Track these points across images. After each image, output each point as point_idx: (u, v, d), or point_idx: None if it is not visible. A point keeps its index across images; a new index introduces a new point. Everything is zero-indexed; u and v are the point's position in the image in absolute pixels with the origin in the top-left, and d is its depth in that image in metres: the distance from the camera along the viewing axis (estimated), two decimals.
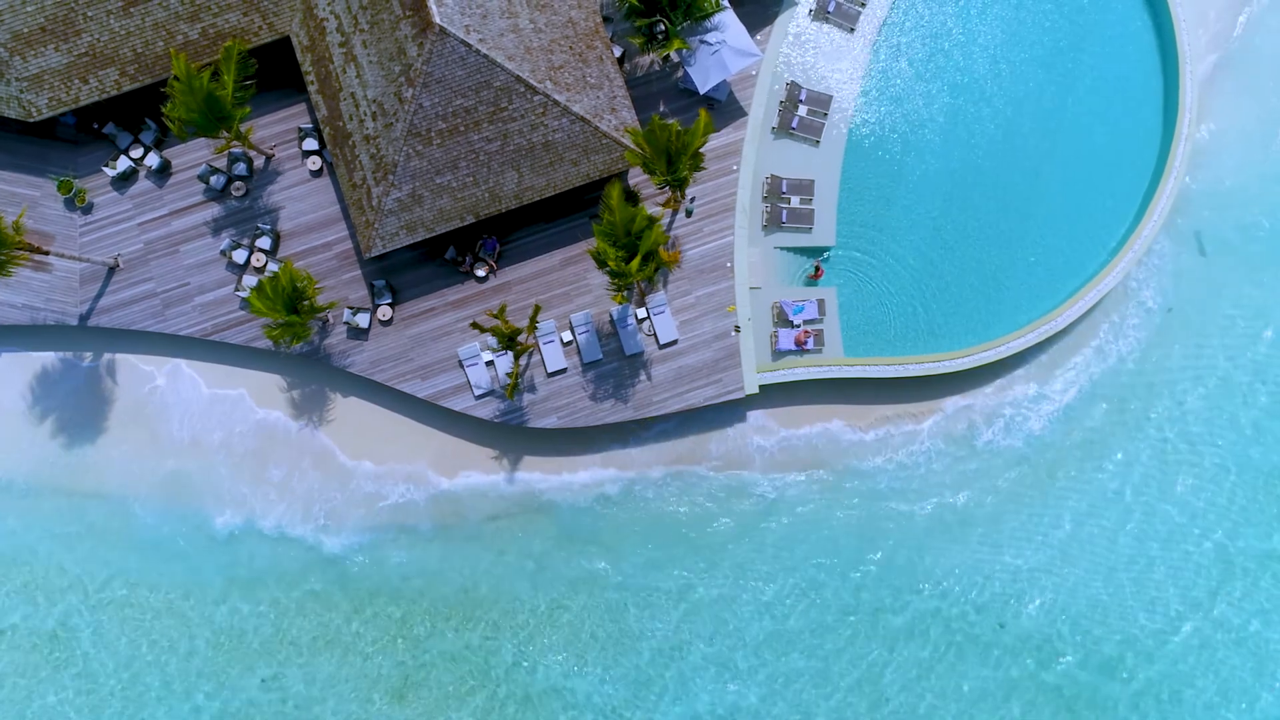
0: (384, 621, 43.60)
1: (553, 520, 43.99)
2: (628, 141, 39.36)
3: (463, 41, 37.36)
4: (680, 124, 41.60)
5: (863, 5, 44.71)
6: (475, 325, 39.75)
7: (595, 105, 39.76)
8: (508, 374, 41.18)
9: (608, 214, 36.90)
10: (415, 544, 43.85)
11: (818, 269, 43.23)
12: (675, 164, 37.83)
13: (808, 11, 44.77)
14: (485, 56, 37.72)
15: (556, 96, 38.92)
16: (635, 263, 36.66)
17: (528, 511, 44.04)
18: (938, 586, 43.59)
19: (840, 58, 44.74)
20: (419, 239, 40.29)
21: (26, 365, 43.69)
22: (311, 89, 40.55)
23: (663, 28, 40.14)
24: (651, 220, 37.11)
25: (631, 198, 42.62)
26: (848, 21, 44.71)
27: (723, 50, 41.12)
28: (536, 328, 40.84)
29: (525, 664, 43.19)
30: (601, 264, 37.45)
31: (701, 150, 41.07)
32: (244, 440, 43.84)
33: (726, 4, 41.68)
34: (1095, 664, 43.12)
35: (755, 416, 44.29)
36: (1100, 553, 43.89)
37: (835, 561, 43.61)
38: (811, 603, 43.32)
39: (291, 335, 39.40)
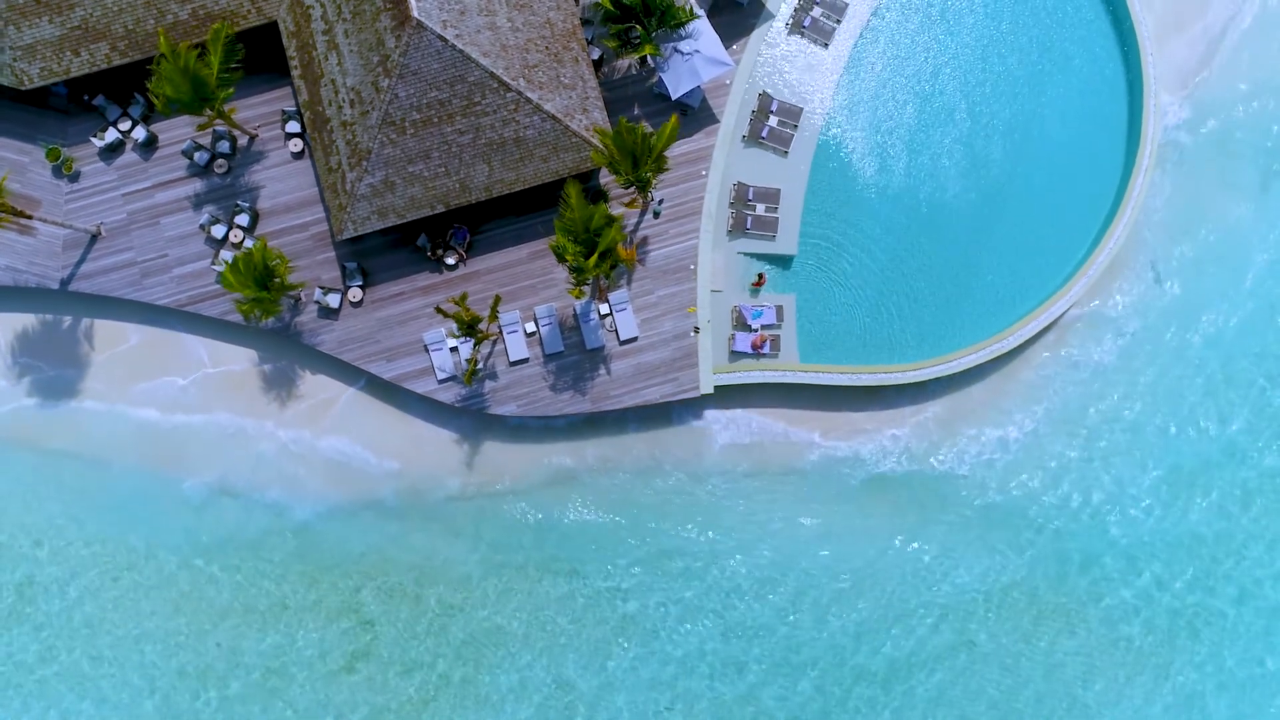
0: (339, 593, 44.77)
1: (509, 505, 45.14)
2: (596, 141, 40.56)
3: (439, 36, 38.64)
4: (650, 127, 43.00)
5: (838, 22, 45.87)
6: (439, 310, 40.99)
7: (567, 105, 41.00)
8: (467, 360, 42.40)
9: (567, 211, 38.16)
10: (375, 519, 44.99)
11: (760, 278, 44.37)
12: (639, 165, 39.05)
13: (784, 25, 45.96)
14: (460, 52, 39.00)
15: (529, 94, 40.18)
16: (593, 259, 37.88)
17: (485, 495, 45.22)
18: (881, 589, 44.77)
19: (813, 72, 45.91)
20: (390, 224, 41.57)
21: (6, 325, 45.02)
22: (295, 74, 41.87)
23: (637, 33, 41.33)
24: (610, 219, 38.35)
25: (600, 196, 43.85)
26: (822, 37, 45.87)
27: (696, 58, 42.32)
28: (498, 318, 42.10)
29: (472, 642, 44.38)
30: (561, 258, 38.68)
31: (668, 154, 42.52)
32: (214, 409, 45.02)
33: (701, 13, 42.88)
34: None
35: (710, 415, 45.41)
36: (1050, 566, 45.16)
37: (780, 558, 44.77)
38: (758, 596, 44.48)
39: (262, 311, 40.70)
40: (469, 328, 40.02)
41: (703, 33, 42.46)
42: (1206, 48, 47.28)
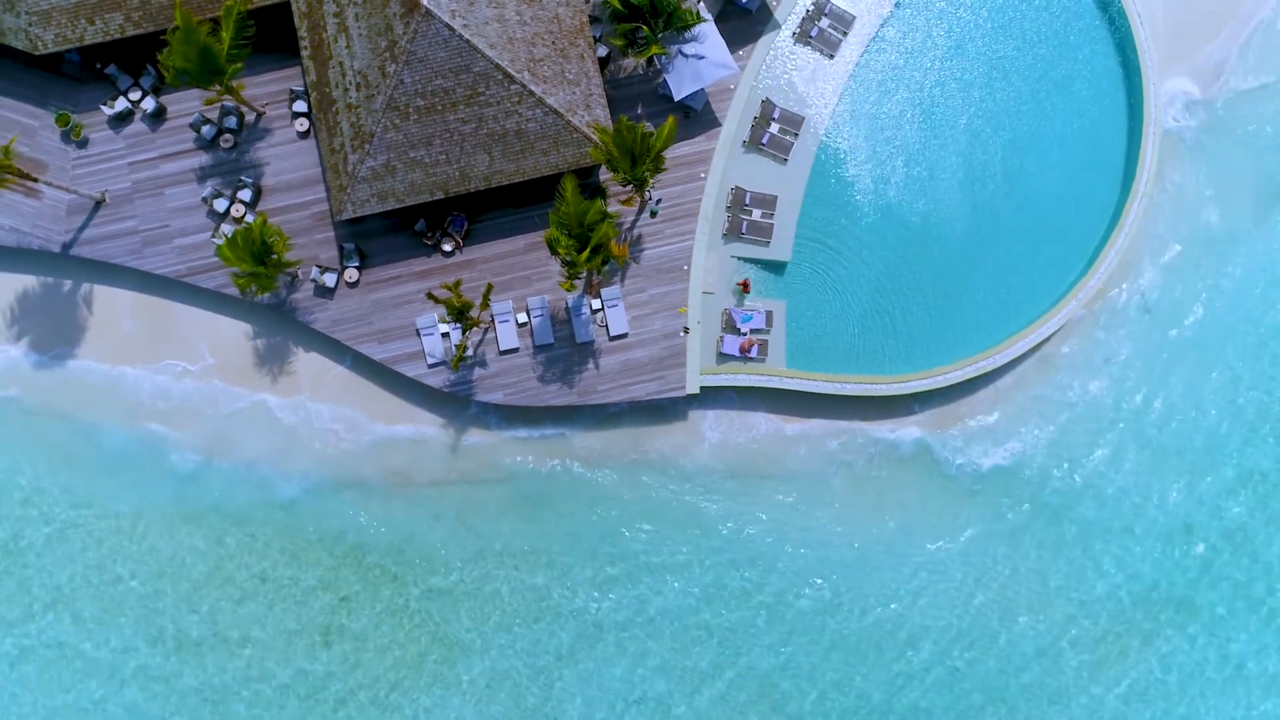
0: (319, 568, 45.28)
1: (492, 492, 45.61)
2: (596, 138, 41.04)
3: (447, 25, 39.19)
4: (652, 127, 43.43)
5: (844, 34, 46.26)
6: (430, 296, 41.50)
7: (570, 100, 41.49)
8: (456, 346, 42.89)
9: (563, 204, 38.67)
10: (359, 498, 45.48)
11: (745, 284, 44.76)
12: (637, 164, 39.54)
13: (791, 33, 46.36)
14: (467, 41, 39.55)
15: (533, 87, 40.70)
16: (585, 254, 38.39)
17: (469, 481, 45.72)
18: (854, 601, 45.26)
19: (817, 81, 46.32)
20: (389, 208, 42.14)
21: (7, 285, 45.64)
22: (304, 54, 42.47)
23: (643, 33, 41.79)
24: (605, 215, 38.84)
25: (599, 193, 44.34)
26: (829, 48, 46.28)
27: (700, 61, 42.79)
28: (489, 306, 42.60)
29: (447, 625, 44.89)
30: (554, 251, 39.19)
31: (667, 155, 43.05)
32: (206, 382, 45.61)
33: (708, 18, 43.33)
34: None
35: (697, 415, 45.83)
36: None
37: (759, 556, 45.26)
38: (723, 598, 45.03)
39: (258, 286, 41.30)
40: (459, 314, 40.53)
41: (708, 36, 42.92)
42: (1211, 75, 47.38)
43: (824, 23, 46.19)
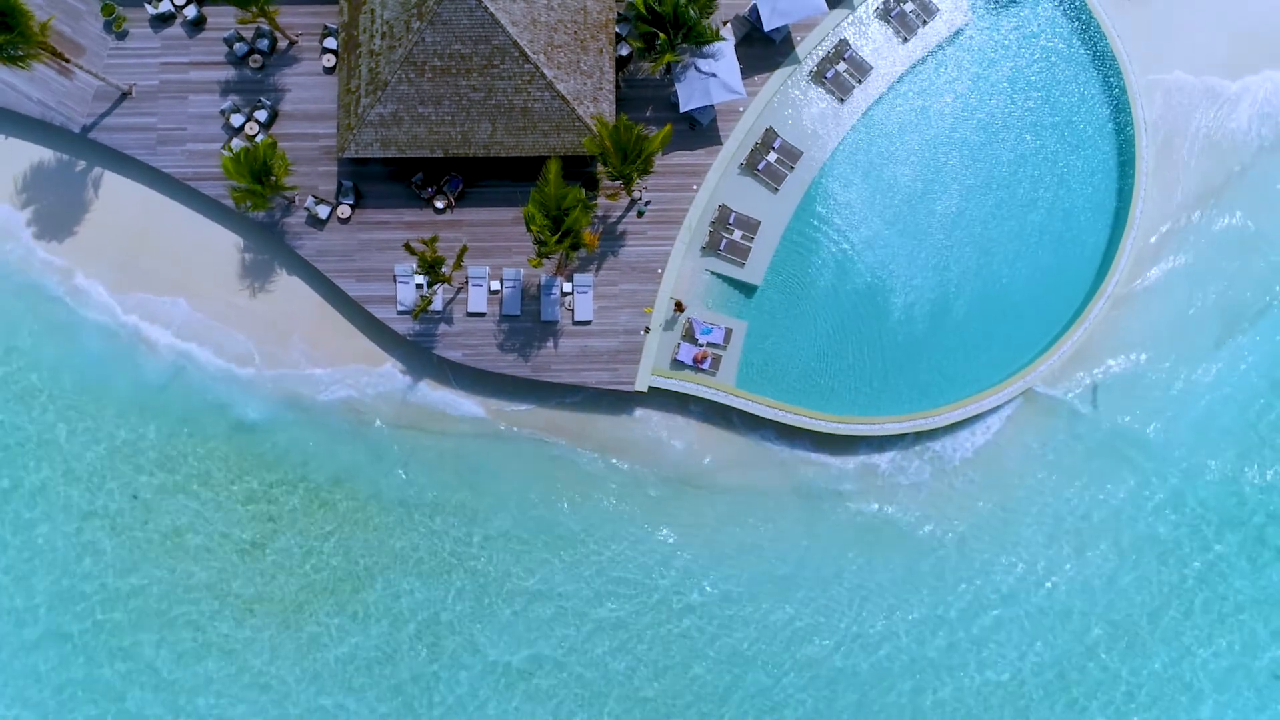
0: (257, 480, 47.19)
1: (435, 444, 47.40)
2: (595, 129, 42.69)
3: None
4: (651, 130, 45.07)
5: (859, 82, 47.65)
6: (407, 246, 43.29)
7: (579, 90, 43.19)
8: (421, 298, 44.66)
9: (545, 185, 40.35)
10: (309, 424, 47.33)
11: (679, 304, 46.20)
12: (627, 161, 41.16)
13: (808, 70, 47.80)
14: (491, 15, 41.33)
15: (545, 70, 42.42)
16: (556, 236, 40.05)
17: (417, 429, 47.50)
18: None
19: (824, 121, 47.74)
20: (390, 155, 44.02)
21: (25, 154, 47.80)
22: None
23: (660, 40, 43.35)
24: (582, 203, 40.46)
25: (592, 183, 45.98)
26: (842, 91, 47.69)
27: (711, 79, 44.33)
28: (462, 267, 44.31)
29: (366, 560, 46.70)
30: (529, 227, 40.88)
31: (664, 161, 44.73)
32: (186, 287, 47.62)
33: (728, 38, 44.86)
34: None
35: (642, 413, 47.39)
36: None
37: (659, 561, 46.89)
38: (621, 590, 46.72)
39: (251, 202, 43.23)
40: (430, 267, 42.28)
41: (725, 57, 44.44)
42: (1202, 192, 48.58)
43: (841, 66, 47.61)
